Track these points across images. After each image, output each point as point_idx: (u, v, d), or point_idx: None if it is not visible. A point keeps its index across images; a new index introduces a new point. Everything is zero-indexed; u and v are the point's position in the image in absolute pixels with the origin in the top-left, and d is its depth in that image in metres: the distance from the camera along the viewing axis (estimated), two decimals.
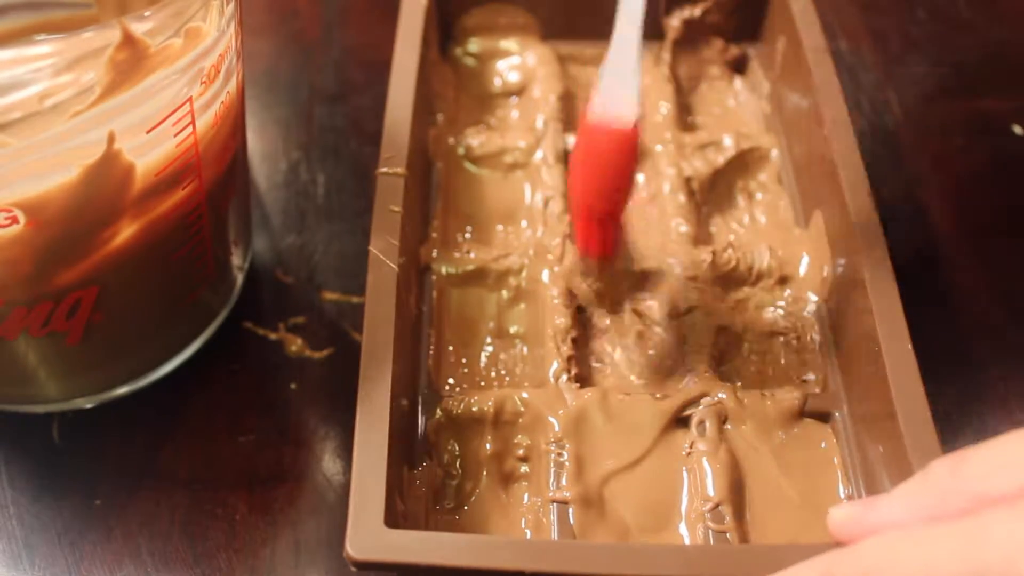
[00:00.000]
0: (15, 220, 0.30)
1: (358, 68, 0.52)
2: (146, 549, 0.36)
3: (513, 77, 0.47)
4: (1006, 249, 0.45)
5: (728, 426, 0.35)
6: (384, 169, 0.37)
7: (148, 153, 0.31)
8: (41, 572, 0.36)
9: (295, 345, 0.41)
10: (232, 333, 0.41)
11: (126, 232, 0.33)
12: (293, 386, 0.40)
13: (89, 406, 0.39)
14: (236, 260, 0.41)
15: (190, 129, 0.32)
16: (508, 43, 0.48)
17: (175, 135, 0.32)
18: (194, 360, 0.40)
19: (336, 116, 0.50)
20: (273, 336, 0.42)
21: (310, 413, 0.40)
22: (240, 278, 0.42)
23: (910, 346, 0.33)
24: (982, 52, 0.53)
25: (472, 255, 0.40)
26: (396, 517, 0.31)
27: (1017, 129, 0.50)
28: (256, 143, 0.49)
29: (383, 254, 0.35)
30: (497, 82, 0.47)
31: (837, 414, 0.36)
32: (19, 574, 0.36)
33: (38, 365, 0.36)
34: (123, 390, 0.39)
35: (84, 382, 0.38)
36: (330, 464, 0.38)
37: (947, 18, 0.55)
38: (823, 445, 0.35)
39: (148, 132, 0.31)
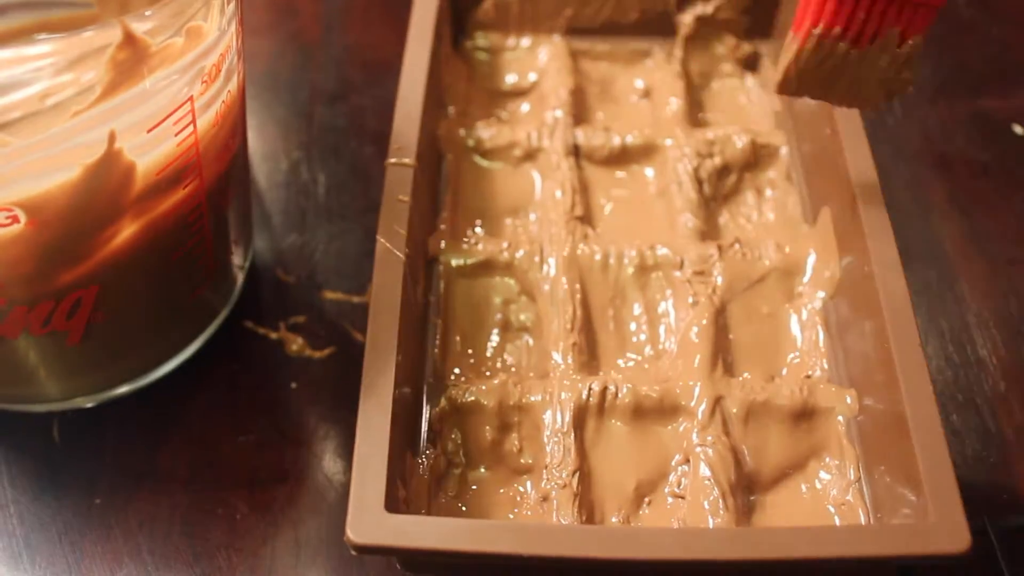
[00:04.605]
0: (16, 219, 0.30)
1: (359, 67, 0.52)
2: (146, 548, 0.36)
3: (525, 71, 0.47)
4: (1008, 248, 0.45)
5: (732, 421, 0.35)
6: (393, 160, 0.37)
7: (149, 152, 0.31)
8: (41, 571, 0.36)
9: (296, 344, 0.41)
10: (233, 332, 0.41)
11: (127, 231, 0.33)
12: (294, 385, 0.40)
13: (89, 405, 0.39)
14: (237, 259, 0.41)
15: (191, 128, 0.32)
16: (520, 37, 0.48)
17: (176, 134, 0.32)
18: (195, 359, 0.40)
19: (337, 116, 0.50)
20: (274, 335, 0.42)
21: (311, 412, 0.40)
22: (241, 277, 0.42)
23: (919, 345, 0.33)
24: (983, 52, 0.53)
25: (480, 247, 0.40)
26: (397, 503, 0.31)
27: (1018, 129, 0.50)
28: (257, 142, 0.49)
29: (390, 243, 0.35)
30: (508, 76, 0.48)
31: (842, 413, 0.36)
32: (20, 573, 0.36)
33: (38, 364, 0.36)
34: (123, 389, 0.39)
35: (84, 381, 0.38)
36: (330, 464, 0.38)
37: (948, 18, 0.55)
38: (828, 439, 0.35)
39: (149, 131, 0.31)
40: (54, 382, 0.37)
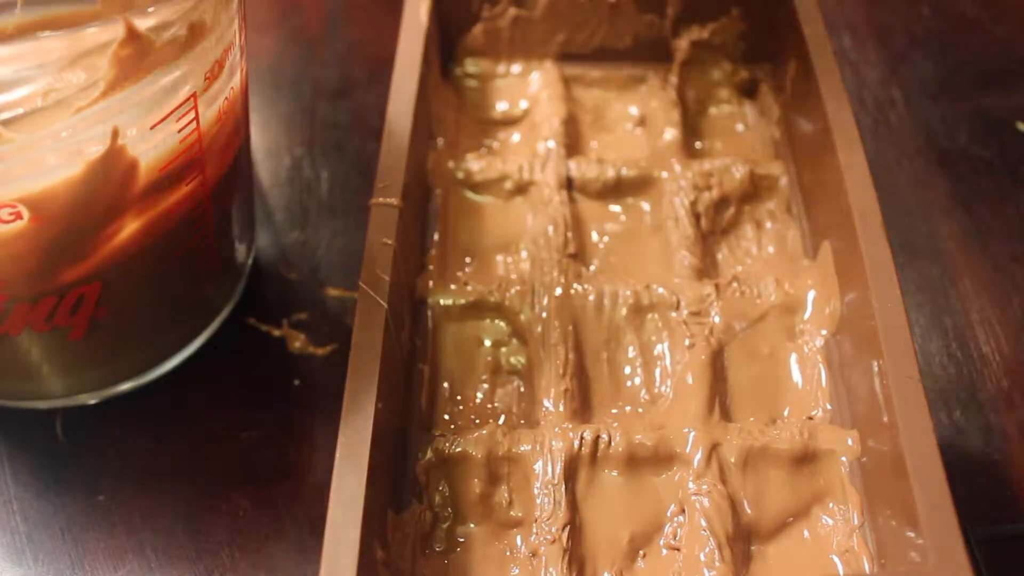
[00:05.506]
0: (19, 216, 0.30)
1: (361, 64, 0.52)
2: (149, 544, 0.36)
3: (516, 98, 0.46)
4: (1010, 246, 0.45)
5: (728, 468, 0.34)
6: (379, 199, 0.36)
7: (152, 149, 0.31)
8: (44, 567, 0.36)
9: (298, 341, 0.41)
10: (235, 329, 0.42)
11: (130, 228, 0.33)
12: (296, 382, 0.40)
13: (92, 402, 0.39)
14: (239, 256, 0.41)
15: (194, 125, 0.32)
16: (511, 64, 0.47)
17: (179, 131, 0.32)
18: (197, 356, 0.40)
19: (339, 112, 0.50)
20: (276, 332, 0.42)
21: (313, 409, 0.40)
22: (243, 274, 0.42)
23: (919, 382, 0.32)
24: (986, 49, 0.53)
25: (470, 287, 0.38)
26: (375, 567, 0.30)
27: (1021, 126, 0.50)
28: (259, 139, 0.49)
29: (373, 290, 0.33)
30: (499, 104, 0.46)
31: (844, 455, 0.34)
32: (22, 569, 0.36)
33: (42, 361, 0.36)
34: (126, 386, 0.39)
35: (87, 378, 0.38)
36: (333, 460, 0.38)
37: (952, 15, 0.55)
38: (831, 484, 0.34)
39: (152, 128, 0.31)
40: (57, 379, 0.37)
